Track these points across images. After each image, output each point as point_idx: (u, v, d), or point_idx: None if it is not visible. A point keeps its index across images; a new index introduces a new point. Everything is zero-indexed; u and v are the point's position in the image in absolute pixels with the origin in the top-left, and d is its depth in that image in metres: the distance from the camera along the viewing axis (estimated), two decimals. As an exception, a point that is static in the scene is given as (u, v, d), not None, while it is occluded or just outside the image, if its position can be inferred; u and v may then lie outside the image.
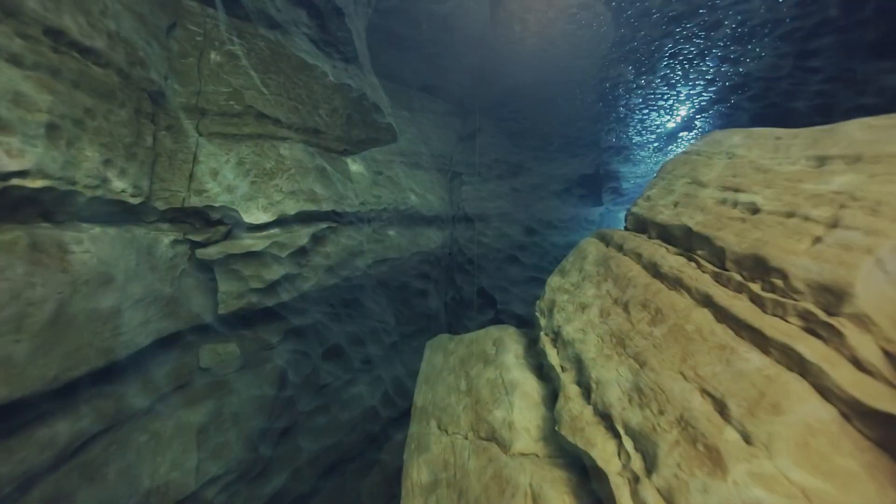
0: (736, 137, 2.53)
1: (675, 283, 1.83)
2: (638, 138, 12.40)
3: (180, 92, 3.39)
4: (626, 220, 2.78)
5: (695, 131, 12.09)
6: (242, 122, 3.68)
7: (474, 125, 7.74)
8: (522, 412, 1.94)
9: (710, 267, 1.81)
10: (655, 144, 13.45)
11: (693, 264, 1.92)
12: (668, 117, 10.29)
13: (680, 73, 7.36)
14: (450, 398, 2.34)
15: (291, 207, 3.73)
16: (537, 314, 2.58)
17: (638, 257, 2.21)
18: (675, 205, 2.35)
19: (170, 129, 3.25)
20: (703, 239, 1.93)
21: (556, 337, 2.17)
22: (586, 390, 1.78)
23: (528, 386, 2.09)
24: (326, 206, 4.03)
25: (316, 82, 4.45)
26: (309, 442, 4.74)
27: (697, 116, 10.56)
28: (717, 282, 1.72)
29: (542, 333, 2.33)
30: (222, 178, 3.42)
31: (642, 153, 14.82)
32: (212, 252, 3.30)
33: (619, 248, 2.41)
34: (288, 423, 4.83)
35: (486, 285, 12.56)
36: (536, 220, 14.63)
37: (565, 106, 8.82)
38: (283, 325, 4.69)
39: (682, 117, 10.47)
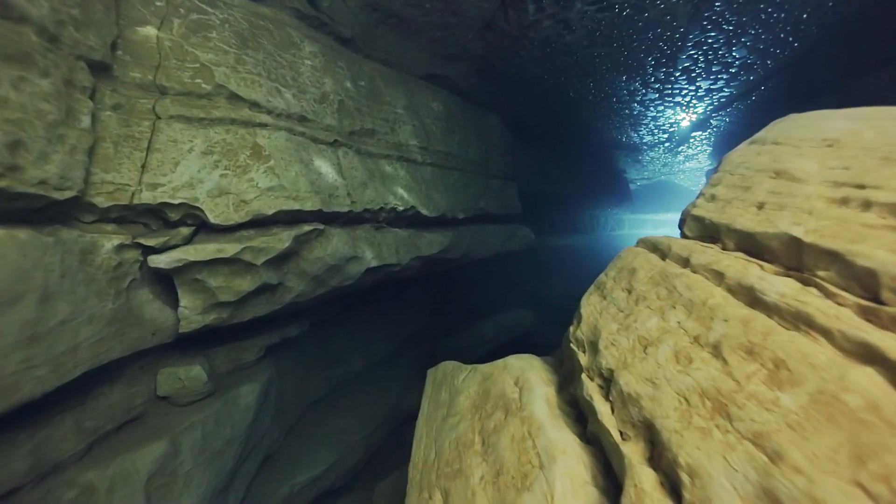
0: (834, 120, 1.96)
1: (798, 321, 1.25)
2: (649, 138, 11.86)
3: (134, 65, 2.81)
4: (681, 226, 2.20)
5: (709, 131, 11.56)
6: (212, 104, 3.10)
7: (480, 120, 7.17)
8: (567, 499, 1.36)
9: (848, 297, 1.24)
10: (667, 145, 12.92)
11: (815, 291, 1.34)
12: (684, 115, 9.75)
13: (703, 64, 6.80)
14: (460, 461, 1.76)
15: (270, 206, 3.16)
16: (572, 346, 1.99)
17: (718, 277, 1.63)
18: (761, 206, 1.78)
19: (118, 108, 2.67)
20: (827, 254, 1.36)
21: (609, 385, 1.59)
22: (669, 480, 1.20)
23: (572, 454, 1.51)
24: (312, 206, 3.46)
25: (303, 62, 3.88)
26: (291, 474, 4.15)
27: (714, 115, 10.03)
28: (873, 322, 1.14)
29: (583, 375, 1.74)
30: (184, 169, 2.84)
31: (651, 154, 14.29)
32: (168, 259, 2.71)
33: (685, 263, 1.83)
34: (267, 452, 4.25)
35: (491, 292, 11.99)
36: (543, 224, 14.09)
37: (576, 100, 8.26)
38: (262, 340, 4.11)
39: (698, 115, 9.93)
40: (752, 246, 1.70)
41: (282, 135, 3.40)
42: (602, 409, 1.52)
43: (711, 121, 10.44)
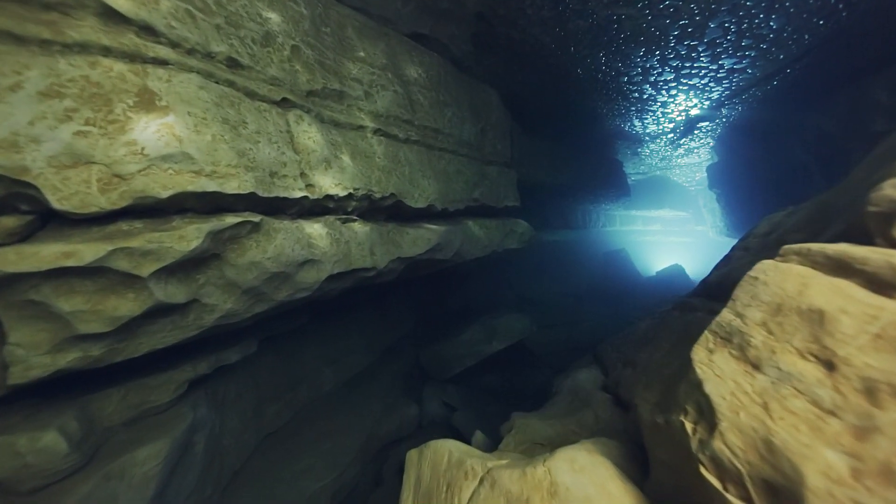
0: None
1: None
2: (653, 127, 10.98)
3: None
4: (867, 220, 1.21)
5: (716, 121, 10.76)
6: (67, 20, 1.95)
7: (476, 95, 6.11)
8: None
9: None
10: (670, 136, 12.10)
11: None
12: (696, 101, 8.88)
13: (733, 36, 5.88)
14: None
15: (164, 185, 2.04)
16: (709, 477, 0.97)
17: None
18: None
19: None
20: None
21: None
22: None
23: None
24: (240, 187, 2.35)
25: (236, -15, 2.73)
26: (224, 552, 3.09)
27: (727, 102, 9.20)
28: None
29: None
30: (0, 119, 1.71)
31: (652, 146, 13.48)
32: (-40, 270, 1.59)
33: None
34: (192, 522, 3.15)
35: (482, 290, 11.02)
36: (536, 218, 13.17)
37: (583, 79, 7.27)
38: (183, 374, 3.00)
39: (710, 102, 9.09)
40: None
41: (192, 79, 2.27)
42: None
43: (722, 109, 9.62)
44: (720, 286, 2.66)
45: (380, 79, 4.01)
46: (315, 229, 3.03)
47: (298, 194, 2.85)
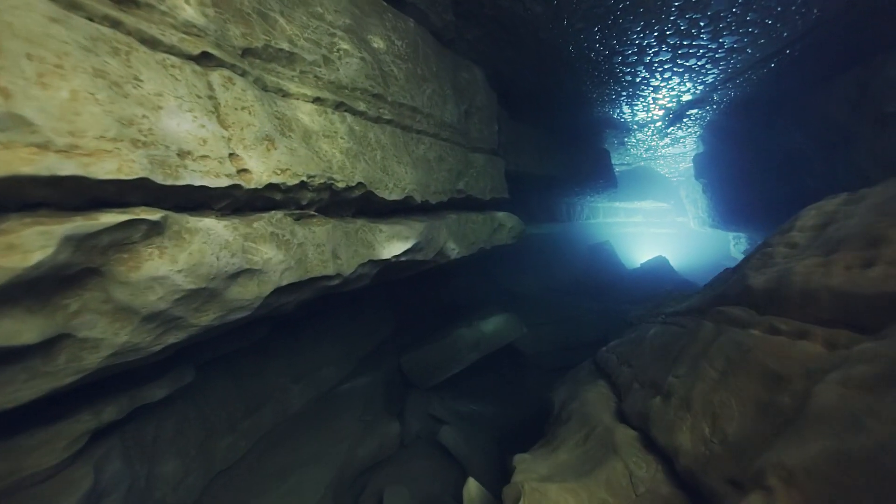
0: None
1: None
2: (643, 115, 10.51)
3: None
4: None
5: (707, 108, 10.39)
6: None
7: (459, 72, 5.41)
8: None
9: None
10: (659, 124, 11.69)
11: None
12: (690, 85, 8.42)
13: (738, 9, 5.38)
14: None
15: (-20, 165, 1.29)
16: None
17: None
18: None
19: None
20: None
21: None
22: None
23: None
24: (123, 169, 1.61)
25: None
26: None
27: (720, 87, 8.79)
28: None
29: None
30: None
31: (639, 135, 13.08)
32: None
33: None
34: None
35: (466, 286, 10.41)
36: (521, 211, 12.63)
37: (575, 58, 6.67)
38: (80, 424, 2.25)
39: (704, 86, 8.66)
40: None
41: (36, 7, 1.50)
42: None
43: (714, 94, 9.22)
44: (774, 295, 2.08)
45: (342, 42, 3.27)
46: (255, 229, 2.31)
47: (226, 182, 2.11)
